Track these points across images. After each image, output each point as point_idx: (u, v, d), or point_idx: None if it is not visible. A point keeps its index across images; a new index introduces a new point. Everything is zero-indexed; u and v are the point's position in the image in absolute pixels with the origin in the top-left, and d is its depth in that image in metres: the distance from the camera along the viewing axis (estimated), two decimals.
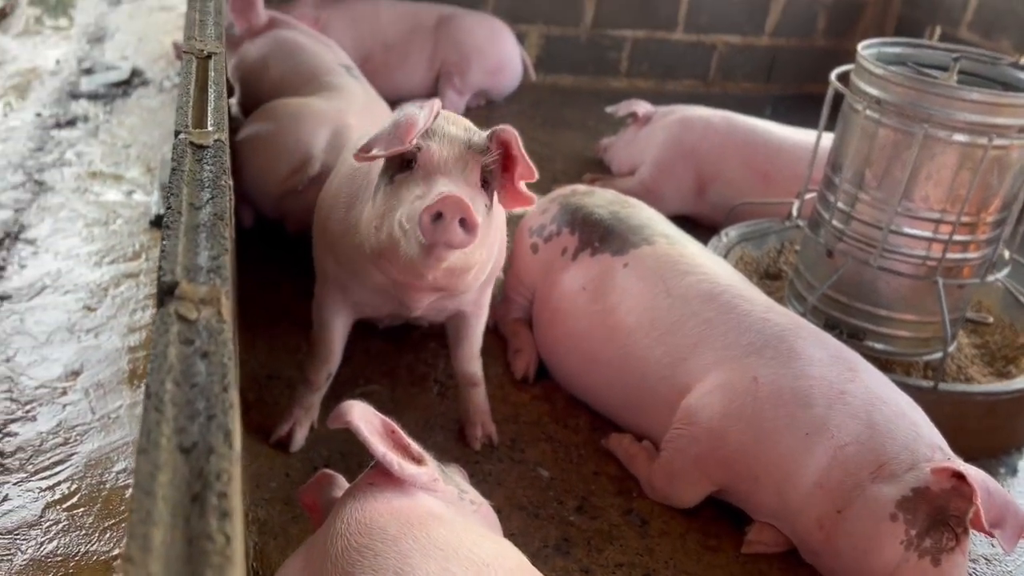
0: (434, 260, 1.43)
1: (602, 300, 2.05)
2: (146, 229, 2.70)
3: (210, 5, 2.05)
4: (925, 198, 2.06)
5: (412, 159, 1.48)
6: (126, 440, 1.88)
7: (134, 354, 2.14)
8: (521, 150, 1.52)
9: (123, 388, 2.03)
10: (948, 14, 4.26)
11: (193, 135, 1.34)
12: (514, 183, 1.56)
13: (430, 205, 1.37)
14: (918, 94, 1.98)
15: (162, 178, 2.95)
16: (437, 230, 1.38)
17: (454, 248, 1.40)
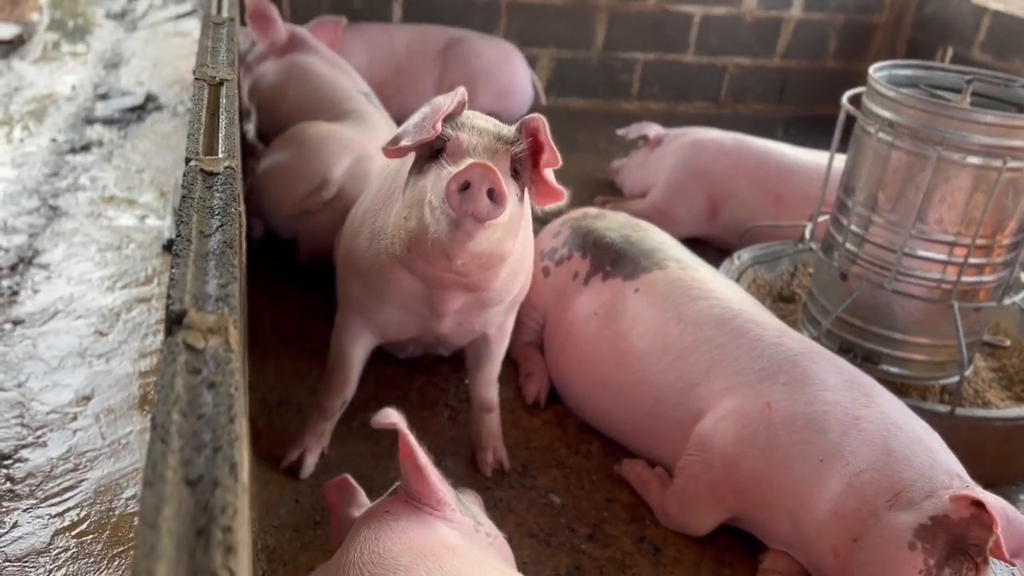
0: (463, 235, 1.37)
1: (614, 325, 2.04)
2: (158, 253, 2.71)
3: (223, 32, 2.07)
4: (939, 220, 2.04)
5: (441, 149, 1.47)
6: (136, 466, 1.87)
7: (145, 379, 2.14)
8: (548, 137, 1.50)
9: (133, 414, 2.03)
10: (960, 35, 4.26)
11: (204, 162, 1.35)
12: (541, 172, 1.54)
13: (458, 173, 1.34)
14: (931, 117, 1.97)
15: (175, 203, 2.97)
16: (465, 200, 1.34)
17: (482, 220, 1.36)
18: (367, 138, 2.61)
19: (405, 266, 1.59)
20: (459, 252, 1.41)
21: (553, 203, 1.62)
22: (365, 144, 2.58)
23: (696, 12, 4.38)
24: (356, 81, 3.09)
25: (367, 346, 1.89)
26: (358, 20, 3.95)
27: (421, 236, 1.45)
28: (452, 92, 1.52)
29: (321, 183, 2.44)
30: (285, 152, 2.56)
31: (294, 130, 2.63)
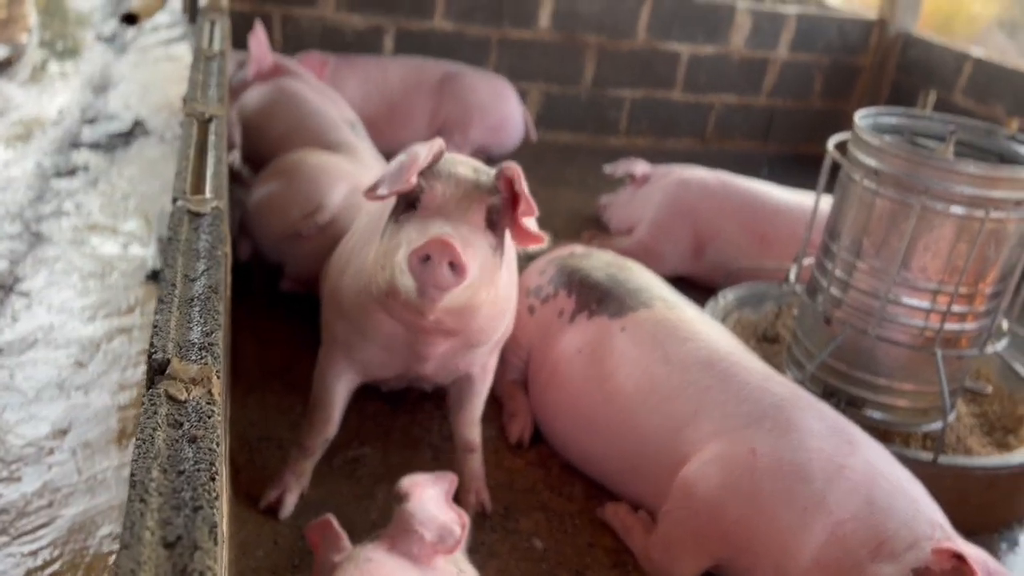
0: (428, 301, 1.42)
1: (599, 364, 2.04)
2: (142, 283, 2.69)
3: (214, 66, 2.07)
4: (923, 269, 2.06)
5: (417, 199, 1.49)
6: (112, 503, 1.84)
7: (124, 412, 2.11)
8: (523, 187, 1.51)
9: (111, 448, 2.00)
10: (943, 79, 4.33)
11: (191, 202, 1.34)
12: (518, 220, 1.55)
13: (417, 248, 1.39)
14: (915, 166, 1.99)
15: (159, 231, 2.95)
16: (425, 272, 1.39)
17: (442, 290, 1.40)
18: (360, 170, 2.62)
19: (385, 310, 1.59)
20: (430, 310, 1.45)
21: (534, 245, 1.63)
22: (359, 176, 2.59)
23: (684, 51, 4.43)
24: (343, 110, 3.10)
25: (350, 384, 1.87)
26: (349, 52, 3.97)
27: (394, 288, 1.47)
28: (430, 142, 1.53)
29: (316, 207, 2.44)
30: (282, 177, 2.56)
31: (292, 157, 2.63)
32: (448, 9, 4.08)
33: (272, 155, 2.83)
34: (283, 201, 2.50)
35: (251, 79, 3.10)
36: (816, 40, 4.57)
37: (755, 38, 4.48)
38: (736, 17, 4.41)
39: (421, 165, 1.48)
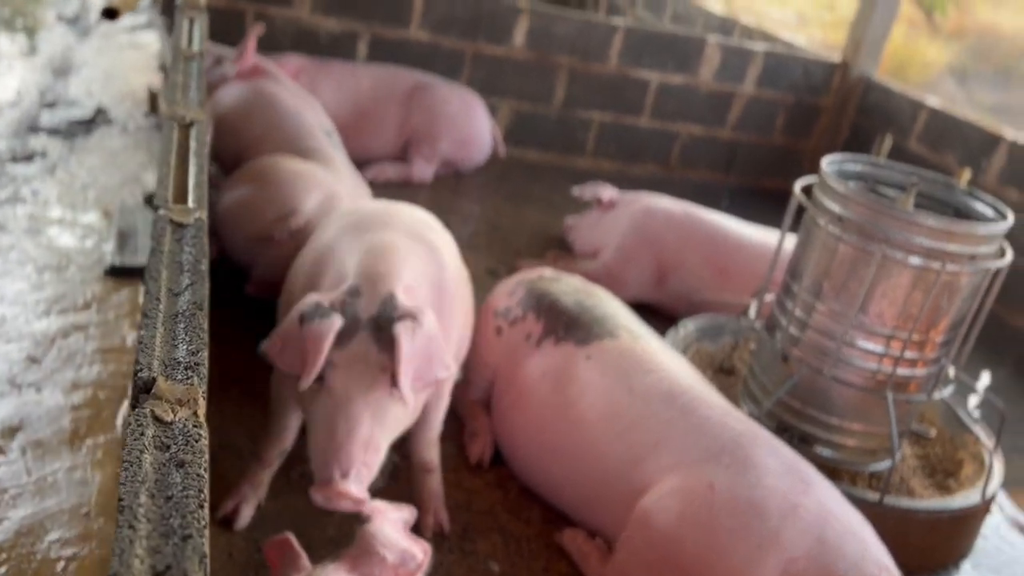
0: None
1: (564, 391, 2.06)
2: (99, 278, 2.63)
3: (194, 67, 2.05)
4: (880, 314, 2.12)
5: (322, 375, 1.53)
6: (62, 506, 1.80)
7: (77, 412, 2.06)
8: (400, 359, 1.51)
9: (63, 449, 1.95)
10: (899, 125, 4.47)
11: (173, 212, 1.32)
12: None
13: (317, 490, 1.51)
14: (877, 215, 2.06)
15: (120, 224, 2.90)
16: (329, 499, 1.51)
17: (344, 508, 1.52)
18: (334, 179, 2.62)
19: None
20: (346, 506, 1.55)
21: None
22: (334, 185, 2.58)
23: (654, 78, 4.51)
24: (320, 117, 3.09)
25: None
26: (322, 55, 3.95)
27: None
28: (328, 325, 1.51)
29: (290, 212, 2.43)
30: (256, 179, 2.55)
31: (267, 161, 2.61)
32: (425, 20, 4.09)
33: (244, 156, 2.80)
34: (256, 204, 2.48)
35: (233, 77, 3.06)
36: (782, 78, 4.68)
37: (723, 72, 4.58)
38: (706, 50, 4.50)
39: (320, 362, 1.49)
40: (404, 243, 1.74)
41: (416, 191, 3.77)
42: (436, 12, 4.08)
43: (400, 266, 1.65)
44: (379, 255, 1.65)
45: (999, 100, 12.88)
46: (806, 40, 12.41)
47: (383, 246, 1.69)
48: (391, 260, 1.65)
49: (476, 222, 3.61)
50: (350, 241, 1.75)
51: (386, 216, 1.86)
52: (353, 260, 1.67)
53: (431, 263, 1.79)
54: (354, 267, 1.63)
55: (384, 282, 1.58)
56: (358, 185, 2.84)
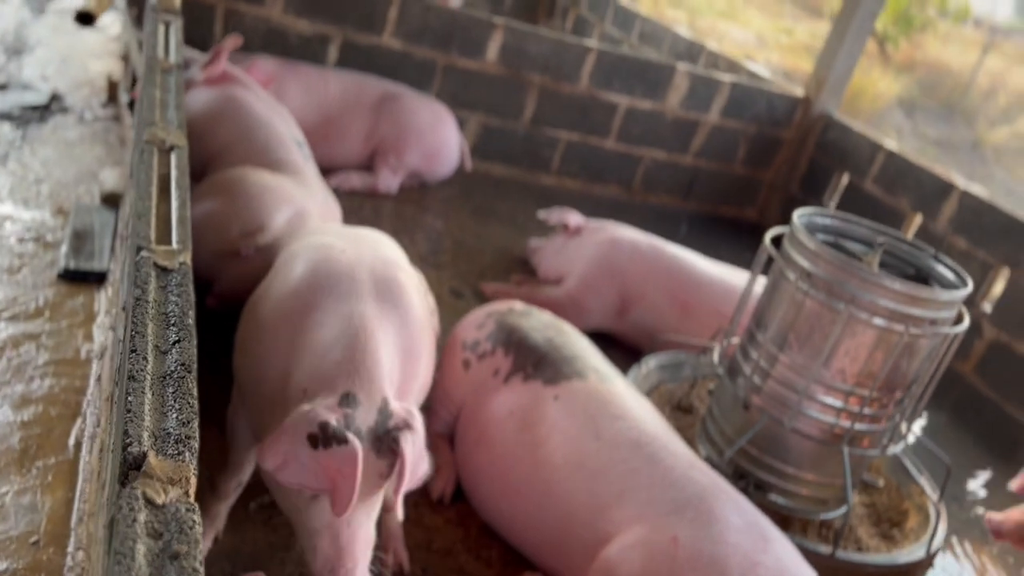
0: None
1: (531, 430, 2.06)
2: (52, 282, 2.54)
3: (171, 82, 1.98)
4: (841, 371, 2.17)
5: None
6: (9, 534, 1.73)
7: (28, 431, 1.99)
8: (404, 475, 1.50)
9: (10, 471, 1.88)
10: (856, 165, 4.58)
11: (158, 254, 1.28)
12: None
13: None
14: (846, 275, 2.11)
15: (75, 224, 2.80)
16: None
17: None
18: (306, 195, 2.57)
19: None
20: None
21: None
22: (305, 201, 2.54)
23: (623, 102, 4.54)
24: (291, 128, 3.03)
25: None
26: (292, 57, 3.87)
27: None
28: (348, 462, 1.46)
29: (258, 228, 2.38)
30: (224, 191, 2.48)
31: (236, 172, 2.54)
32: (398, 28, 4.04)
33: (210, 164, 2.74)
34: (223, 216, 2.42)
35: (201, 82, 2.98)
36: (746, 109, 4.76)
37: (690, 100, 4.63)
38: (675, 78, 4.54)
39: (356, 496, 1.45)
40: (378, 321, 1.70)
41: (381, 202, 3.73)
42: (410, 21, 4.04)
43: (382, 356, 1.62)
44: (360, 346, 1.60)
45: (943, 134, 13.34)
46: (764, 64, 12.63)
47: (361, 332, 1.63)
48: (374, 352, 1.60)
49: (440, 238, 3.59)
50: (322, 313, 1.69)
51: (353, 269, 1.80)
52: (330, 342, 1.61)
53: (402, 331, 1.77)
54: (336, 358, 1.57)
55: (376, 385, 1.55)
56: (328, 200, 2.79)
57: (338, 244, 1.87)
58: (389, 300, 1.78)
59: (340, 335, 1.62)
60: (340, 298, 1.71)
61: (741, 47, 12.97)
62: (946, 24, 15.09)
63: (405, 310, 1.80)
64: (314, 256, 1.82)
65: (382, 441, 1.50)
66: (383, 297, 1.77)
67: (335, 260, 1.80)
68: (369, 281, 1.79)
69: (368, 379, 1.54)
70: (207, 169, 2.71)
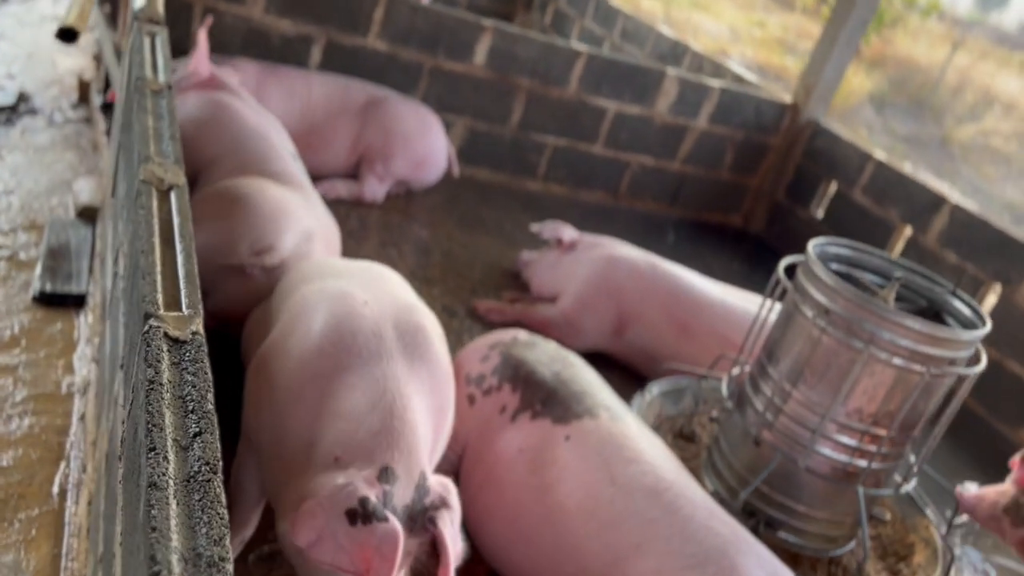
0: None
1: (541, 473, 1.98)
2: (27, 306, 2.39)
3: (164, 106, 1.85)
4: (858, 410, 2.12)
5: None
6: None
7: (6, 478, 1.86)
8: (447, 562, 1.43)
9: None
10: (845, 174, 4.56)
11: (168, 323, 1.17)
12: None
13: None
14: (866, 313, 2.05)
15: (50, 242, 2.65)
16: None
17: None
18: (310, 213, 2.46)
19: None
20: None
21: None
22: (311, 221, 2.42)
23: (611, 107, 4.45)
24: (282, 137, 2.89)
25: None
26: (274, 60, 3.73)
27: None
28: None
29: (267, 247, 2.26)
30: (233, 204, 2.32)
31: (243, 186, 2.38)
32: (384, 29, 3.91)
33: (203, 174, 2.59)
34: (231, 232, 2.27)
35: (187, 87, 2.84)
36: (734, 115, 4.70)
37: (679, 105, 4.56)
38: (664, 83, 4.47)
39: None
40: (410, 383, 1.60)
41: (367, 212, 3.61)
42: (397, 22, 3.91)
43: (419, 425, 1.53)
44: (398, 414, 1.50)
45: (911, 131, 13.48)
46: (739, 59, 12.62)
47: (398, 398, 1.53)
48: (411, 422, 1.51)
49: (429, 250, 3.48)
50: (351, 375, 1.58)
51: (379, 325, 1.69)
52: (363, 409, 1.51)
53: (432, 388, 1.68)
54: (373, 428, 1.47)
55: (414, 457, 1.45)
56: (326, 216, 2.67)
57: (358, 294, 1.76)
58: (417, 355, 1.69)
59: (374, 401, 1.53)
60: (370, 358, 1.61)
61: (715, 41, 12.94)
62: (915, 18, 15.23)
63: (434, 364, 1.71)
64: (335, 310, 1.70)
65: (416, 520, 1.41)
66: (411, 352, 1.68)
67: (360, 315, 1.69)
68: (396, 336, 1.69)
69: (407, 451, 1.45)
70: (199, 179, 2.57)
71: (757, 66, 12.33)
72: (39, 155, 3.21)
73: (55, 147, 3.30)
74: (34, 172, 3.08)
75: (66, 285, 2.47)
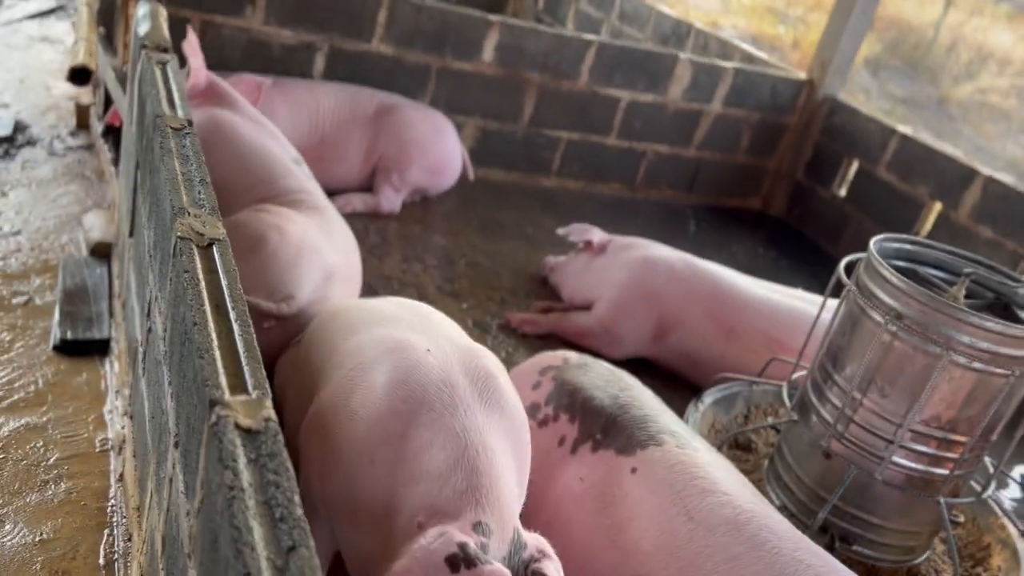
0: None
1: (611, 512, 1.87)
2: (49, 358, 2.27)
3: (188, 145, 1.72)
4: (937, 417, 2.02)
5: None
6: None
7: (48, 552, 1.74)
8: None
9: None
10: (866, 150, 4.43)
11: (237, 411, 1.05)
12: None
13: None
14: (941, 316, 1.94)
15: (66, 284, 2.52)
16: None
17: None
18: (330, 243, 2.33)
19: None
20: None
21: None
22: (332, 257, 2.30)
23: (624, 96, 4.32)
24: (284, 145, 2.75)
25: (326, 547, 1.63)
26: (277, 71, 3.59)
27: None
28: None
29: (286, 295, 2.14)
30: (250, 243, 2.18)
31: (266, 221, 2.24)
32: (388, 32, 3.76)
33: None
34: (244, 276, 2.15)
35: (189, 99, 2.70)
36: (748, 96, 4.57)
37: (692, 90, 4.43)
38: (677, 68, 4.33)
39: None
40: (490, 434, 1.48)
41: (384, 224, 3.48)
42: (401, 24, 3.76)
43: (506, 477, 1.42)
44: (484, 470, 1.39)
45: (908, 93, 13.33)
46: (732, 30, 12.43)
47: (482, 452, 1.42)
48: (498, 477, 1.40)
49: (453, 262, 3.36)
50: (427, 431, 1.46)
51: (448, 374, 1.56)
52: (445, 467, 1.40)
53: (511, 436, 1.56)
54: (459, 487, 1.36)
55: (506, 512, 1.34)
56: (343, 232, 2.54)
57: (418, 342, 1.63)
58: (491, 402, 1.57)
59: (456, 458, 1.41)
60: (444, 411, 1.49)
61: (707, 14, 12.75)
62: None
63: (509, 410, 1.59)
64: (398, 362, 1.57)
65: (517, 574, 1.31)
66: (485, 400, 1.56)
67: (426, 366, 1.56)
68: (467, 384, 1.56)
69: (498, 507, 1.34)
70: None
71: (751, 37, 12.16)
72: (43, 189, 3.07)
73: (58, 179, 3.17)
74: (40, 208, 2.95)
75: (88, 331, 2.35)
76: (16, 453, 1.95)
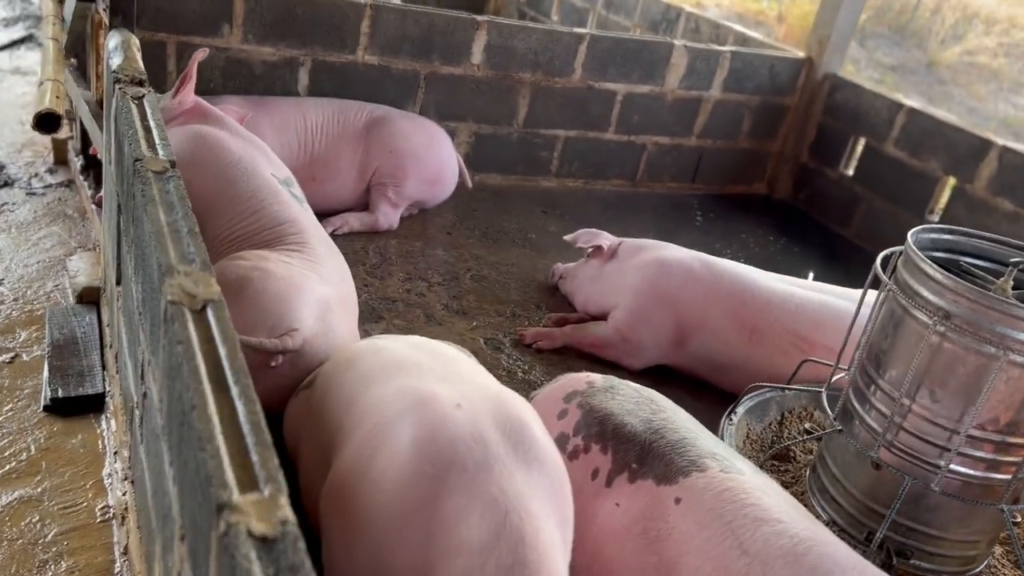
0: None
1: (656, 549, 1.73)
2: (40, 419, 2.13)
3: (172, 190, 1.57)
4: (993, 420, 1.89)
5: None
6: None
7: None
8: None
9: None
10: (872, 127, 4.29)
11: (248, 514, 0.91)
12: None
13: None
14: (994, 314, 1.80)
15: (54, 336, 2.38)
16: None
17: None
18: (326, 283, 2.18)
19: None
20: None
21: None
22: (324, 290, 2.15)
23: (620, 89, 4.17)
24: (273, 162, 2.61)
25: None
26: (259, 89, 3.44)
27: None
28: None
29: (288, 330, 2.00)
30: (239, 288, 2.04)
31: (243, 267, 2.10)
32: (372, 41, 3.61)
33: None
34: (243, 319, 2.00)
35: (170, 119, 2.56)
36: (747, 79, 4.42)
37: (690, 77, 4.28)
38: (673, 55, 4.18)
39: None
40: (532, 498, 1.35)
41: (383, 241, 3.34)
42: (385, 31, 3.61)
43: (553, 550, 1.29)
44: (528, 542, 1.26)
45: (897, 59, 13.18)
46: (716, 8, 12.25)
47: (526, 520, 1.29)
48: (544, 551, 1.27)
49: (458, 277, 3.21)
50: (462, 497, 1.31)
51: (479, 429, 1.41)
52: (485, 539, 1.26)
53: (553, 496, 1.43)
54: (503, 562, 1.23)
55: None
56: (335, 261, 2.39)
57: (444, 394, 1.49)
58: (530, 457, 1.42)
59: (496, 527, 1.27)
60: (477, 471, 1.34)
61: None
62: None
63: (549, 466, 1.45)
64: (423, 419, 1.42)
65: None
66: (522, 456, 1.41)
67: (455, 421, 1.41)
68: (501, 440, 1.41)
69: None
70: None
71: (736, 15, 12.00)
72: (24, 233, 2.92)
73: (39, 220, 3.01)
74: (22, 254, 2.79)
75: (80, 387, 2.21)
76: (11, 531, 1.81)
